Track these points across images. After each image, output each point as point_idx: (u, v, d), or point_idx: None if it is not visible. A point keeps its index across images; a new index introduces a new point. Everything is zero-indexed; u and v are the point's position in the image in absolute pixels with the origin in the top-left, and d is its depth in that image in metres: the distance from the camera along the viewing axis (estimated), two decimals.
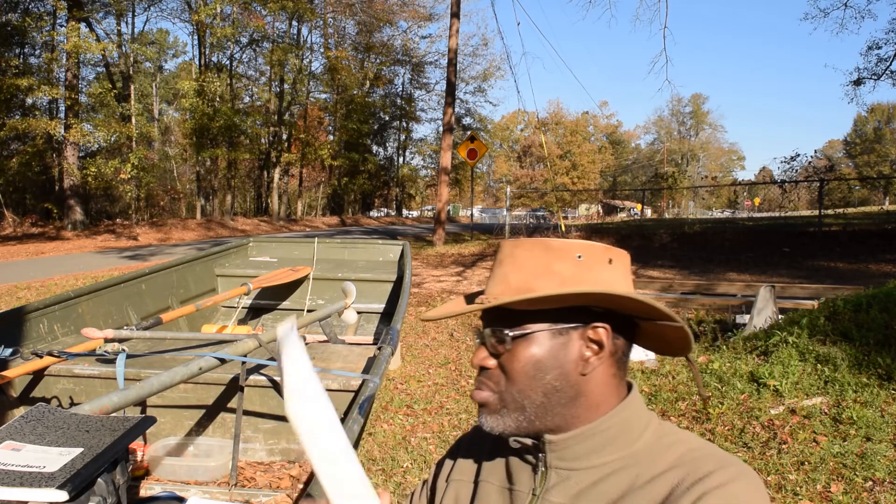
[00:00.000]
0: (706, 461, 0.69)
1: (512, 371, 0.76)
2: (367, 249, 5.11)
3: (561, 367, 0.76)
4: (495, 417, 0.78)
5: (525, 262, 0.78)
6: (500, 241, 0.87)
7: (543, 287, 0.75)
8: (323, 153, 31.02)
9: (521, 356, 0.76)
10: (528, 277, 0.77)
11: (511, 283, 0.77)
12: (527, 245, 0.79)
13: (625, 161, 66.04)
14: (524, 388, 0.76)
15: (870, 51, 19.57)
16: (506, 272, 0.79)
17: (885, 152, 58.23)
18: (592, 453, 0.76)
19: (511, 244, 0.81)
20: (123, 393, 1.70)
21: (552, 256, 0.77)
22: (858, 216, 19.02)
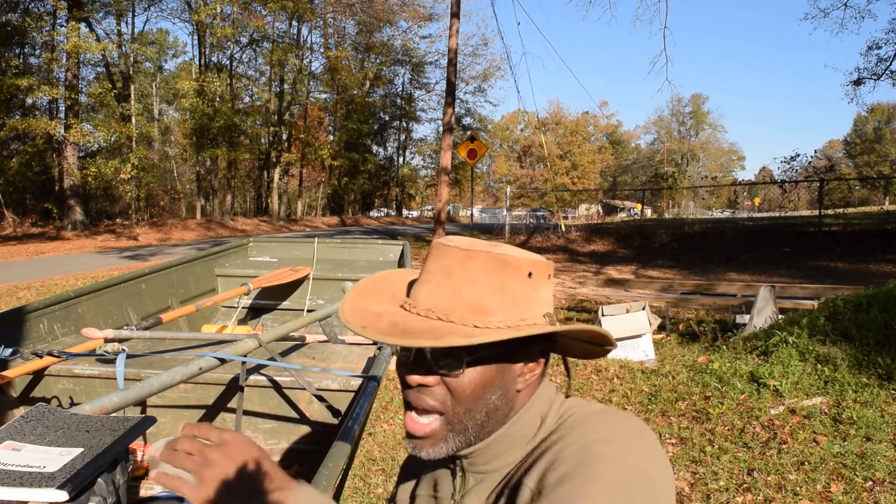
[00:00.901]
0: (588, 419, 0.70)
1: (458, 392, 0.72)
2: (367, 249, 5.11)
3: (504, 386, 0.75)
4: (438, 446, 0.74)
5: (478, 276, 0.73)
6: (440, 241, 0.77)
7: (497, 307, 0.72)
8: (323, 153, 31.02)
9: (472, 377, 0.72)
10: (482, 295, 0.72)
11: (463, 299, 0.72)
12: (482, 258, 0.73)
13: (625, 161, 66.03)
14: (470, 409, 0.73)
15: (870, 51, 19.59)
16: (457, 285, 0.73)
17: (885, 152, 58.22)
18: (501, 455, 0.77)
19: (464, 254, 0.74)
20: (123, 393, 1.70)
21: (507, 273, 0.74)
22: (858, 216, 19.02)
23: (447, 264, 0.74)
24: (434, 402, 0.73)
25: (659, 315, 6.09)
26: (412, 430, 0.75)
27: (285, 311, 4.35)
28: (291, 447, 2.45)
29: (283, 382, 2.39)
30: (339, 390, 2.36)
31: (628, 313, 5.14)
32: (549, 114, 57.22)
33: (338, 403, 2.31)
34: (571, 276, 10.40)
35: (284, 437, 2.45)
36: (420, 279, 0.78)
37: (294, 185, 35.41)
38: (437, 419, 0.74)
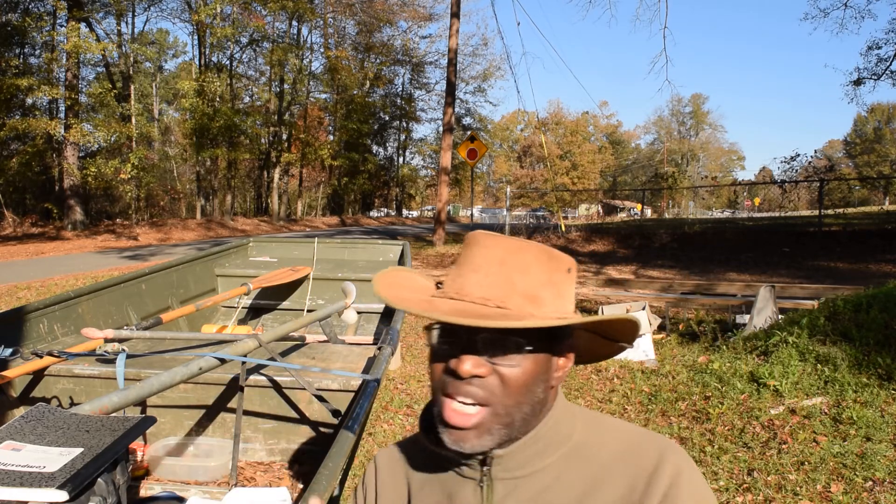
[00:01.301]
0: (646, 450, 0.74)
1: (512, 383, 0.72)
2: (367, 249, 5.11)
3: (546, 380, 0.76)
4: (484, 438, 0.72)
5: (531, 268, 0.75)
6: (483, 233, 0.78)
7: (549, 298, 0.74)
8: (323, 153, 31.01)
9: (526, 368, 0.72)
10: (535, 285, 0.74)
11: (518, 289, 0.73)
12: (534, 249, 0.76)
13: (625, 161, 66.03)
14: (519, 401, 0.73)
15: (870, 51, 19.57)
16: (510, 274, 0.74)
17: (885, 152, 58.22)
18: (537, 457, 0.76)
19: (517, 244, 0.76)
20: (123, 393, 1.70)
21: (553, 266, 0.76)
22: (858, 216, 19.02)
23: (499, 254, 0.75)
24: (485, 394, 0.71)
25: (659, 315, 6.09)
26: (458, 422, 0.72)
27: (285, 311, 4.35)
28: (291, 447, 2.45)
29: (283, 382, 2.39)
30: (339, 390, 2.36)
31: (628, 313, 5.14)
32: (549, 114, 57.23)
33: (338, 403, 2.31)
34: None
35: (284, 437, 2.45)
36: (460, 270, 0.77)
37: (294, 185, 35.41)
38: (484, 409, 0.72)
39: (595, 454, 0.76)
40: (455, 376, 0.72)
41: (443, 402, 0.74)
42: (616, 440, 0.76)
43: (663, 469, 0.71)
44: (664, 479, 0.71)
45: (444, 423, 0.73)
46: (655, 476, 0.71)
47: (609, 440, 0.77)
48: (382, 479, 0.87)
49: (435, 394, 0.76)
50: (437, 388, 0.75)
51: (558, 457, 0.76)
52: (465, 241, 0.81)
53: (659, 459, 0.72)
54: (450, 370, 0.73)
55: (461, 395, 0.72)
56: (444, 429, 0.74)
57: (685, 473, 0.71)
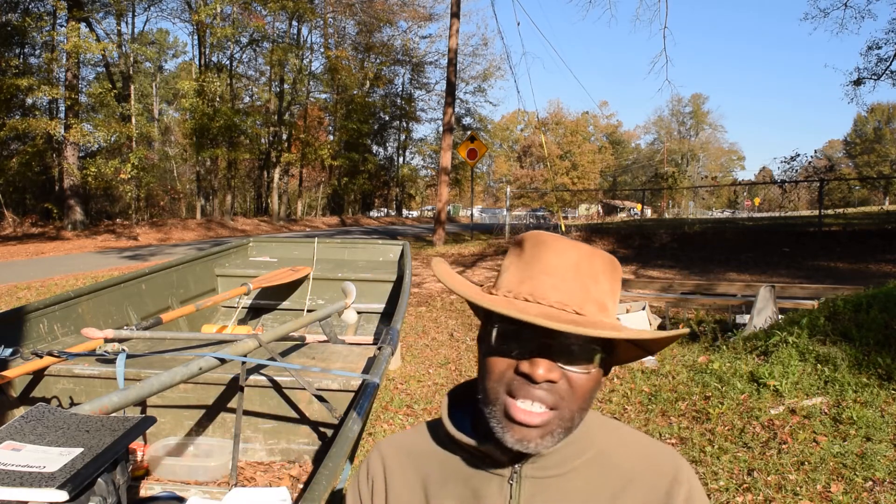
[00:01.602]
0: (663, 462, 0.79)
1: (581, 389, 0.73)
2: (367, 249, 5.11)
3: (599, 389, 0.78)
4: (547, 438, 0.73)
5: (601, 276, 0.76)
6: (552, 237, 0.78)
7: (611, 308, 0.77)
8: (323, 153, 31.02)
9: (594, 375, 0.74)
10: (605, 293, 0.76)
11: (592, 297, 0.74)
12: (603, 257, 0.77)
13: (625, 161, 66.03)
14: (583, 407, 0.75)
15: (870, 51, 19.59)
16: (585, 282, 0.74)
17: (885, 152, 58.22)
18: (568, 459, 0.78)
19: (589, 250, 0.77)
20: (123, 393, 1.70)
21: (615, 276, 0.79)
22: (858, 216, 19.02)
23: (573, 259, 0.75)
24: (554, 398, 0.71)
25: (659, 315, 6.09)
26: (525, 420, 0.71)
27: (285, 311, 4.35)
28: (291, 447, 2.45)
29: (283, 382, 2.39)
30: (339, 390, 2.36)
31: (628, 313, 5.14)
32: (549, 114, 57.24)
33: (338, 403, 2.31)
34: None
35: (284, 437, 2.45)
36: (530, 272, 0.76)
37: (294, 185, 35.41)
38: (551, 412, 0.72)
39: (618, 462, 0.79)
40: (525, 378, 0.71)
41: (507, 401, 0.72)
42: (635, 450, 0.81)
43: (680, 485, 0.77)
44: (681, 494, 0.76)
45: (510, 419, 0.72)
46: (673, 491, 0.76)
47: (629, 450, 0.81)
48: (391, 471, 0.84)
49: (495, 393, 0.74)
50: (500, 388, 0.73)
51: (584, 460, 0.78)
52: (526, 241, 0.79)
53: (675, 474, 0.78)
54: (521, 372, 0.72)
55: (532, 398, 0.71)
56: (507, 424, 0.72)
57: (696, 490, 0.78)
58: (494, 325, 0.74)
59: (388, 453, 0.86)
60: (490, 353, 0.75)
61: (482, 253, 13.58)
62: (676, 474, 0.78)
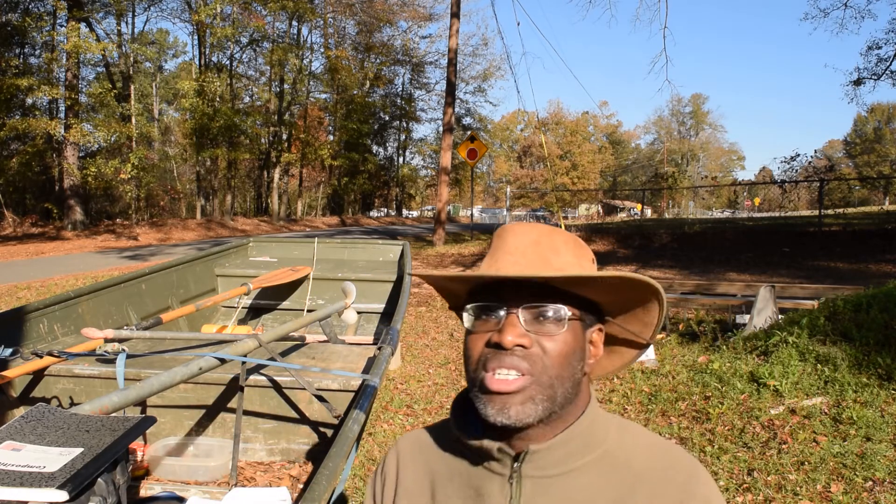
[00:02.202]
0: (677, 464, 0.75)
1: (554, 353, 0.73)
2: (367, 249, 5.11)
3: (583, 359, 0.77)
4: (528, 405, 0.71)
5: (562, 248, 0.78)
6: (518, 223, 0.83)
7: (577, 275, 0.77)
8: (323, 153, 31.02)
9: (566, 339, 0.74)
10: (568, 265, 0.77)
11: (553, 266, 0.76)
12: (564, 236, 0.80)
13: (625, 161, 66.04)
14: (561, 374, 0.73)
15: (870, 51, 19.59)
16: (544, 253, 0.77)
17: (885, 152, 58.22)
18: (570, 457, 0.75)
19: (548, 229, 0.80)
20: (123, 393, 1.70)
21: (582, 252, 0.80)
22: (858, 216, 19.02)
23: (532, 237, 0.78)
24: (528, 364, 0.71)
25: None
26: (499, 387, 0.70)
27: (285, 311, 4.35)
28: (291, 447, 2.45)
29: (283, 382, 2.39)
30: (339, 390, 2.36)
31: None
32: (549, 114, 57.26)
33: (338, 403, 2.31)
34: None
35: (284, 437, 2.45)
36: (495, 256, 0.79)
37: (294, 185, 35.41)
38: (525, 377, 0.71)
39: (628, 464, 0.75)
40: (497, 347, 0.72)
41: (484, 375, 0.72)
42: (648, 452, 0.77)
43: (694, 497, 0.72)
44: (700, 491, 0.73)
45: (486, 391, 0.72)
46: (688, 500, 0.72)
47: (641, 451, 0.77)
48: (404, 465, 0.85)
49: (475, 372, 0.75)
50: (478, 365, 0.74)
51: (591, 460, 0.75)
52: (494, 235, 0.84)
53: (688, 482, 0.73)
54: (491, 343, 0.73)
55: (505, 366, 0.71)
56: (485, 398, 0.72)
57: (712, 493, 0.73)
58: (467, 308, 0.77)
59: (402, 448, 0.88)
60: (467, 335, 0.77)
61: (482, 253, 13.58)
62: (690, 484, 0.73)
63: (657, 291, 0.78)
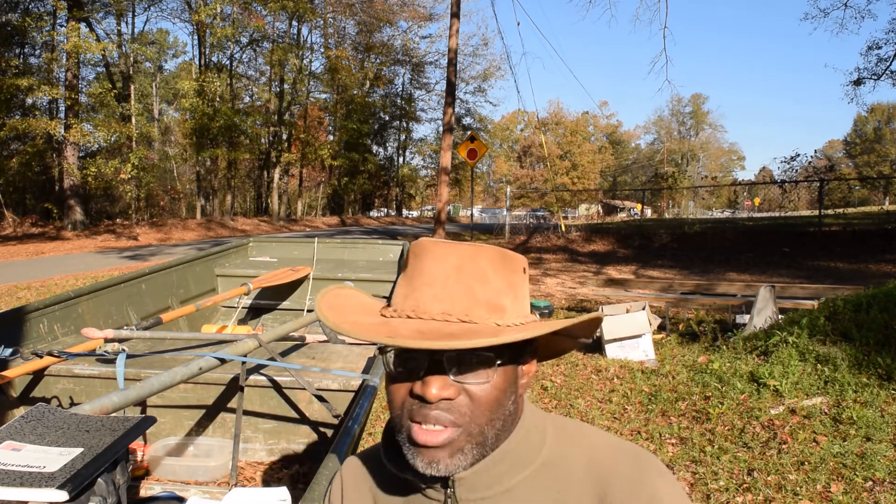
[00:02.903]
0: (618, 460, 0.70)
1: (483, 401, 0.68)
2: (367, 249, 5.10)
3: (513, 394, 0.72)
4: (457, 457, 0.68)
5: (489, 274, 0.70)
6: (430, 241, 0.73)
7: (510, 305, 0.71)
8: (323, 153, 31.02)
9: (496, 383, 0.69)
10: (496, 293, 0.70)
11: (480, 299, 0.69)
12: (488, 253, 0.71)
13: (625, 161, 66.03)
14: (492, 418, 0.69)
15: (870, 51, 19.61)
16: (469, 283, 0.69)
17: (885, 152, 58.21)
18: (504, 477, 0.72)
19: (470, 250, 0.71)
20: (123, 393, 1.70)
21: (510, 268, 0.72)
22: (858, 216, 19.02)
23: (453, 262, 0.70)
24: (454, 416, 0.67)
25: (659, 315, 6.09)
26: (427, 441, 0.67)
27: (285, 311, 4.35)
28: (291, 447, 2.45)
29: (283, 382, 2.39)
30: (339, 390, 2.36)
31: (628, 313, 5.14)
32: (549, 114, 57.26)
33: (338, 403, 2.31)
34: (571, 276, 10.40)
35: (284, 437, 2.45)
36: (413, 284, 0.71)
37: (294, 185, 35.41)
38: (453, 429, 0.67)
39: (566, 470, 0.71)
40: (422, 400, 0.67)
41: (410, 426, 0.69)
42: (587, 453, 0.72)
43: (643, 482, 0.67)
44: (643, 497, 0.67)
45: (414, 444, 0.68)
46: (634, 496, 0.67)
47: (580, 452, 0.72)
48: (347, 492, 0.84)
49: (400, 420, 0.70)
50: (403, 414, 0.70)
51: (527, 475, 0.72)
52: (410, 251, 0.75)
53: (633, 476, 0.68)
54: (415, 395, 0.68)
55: (430, 421, 0.67)
56: (414, 450, 0.69)
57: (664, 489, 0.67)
58: (385, 352, 0.71)
59: (346, 472, 0.86)
60: (389, 381, 0.72)
61: None
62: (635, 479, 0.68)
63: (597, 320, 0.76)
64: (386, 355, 0.71)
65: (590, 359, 5.07)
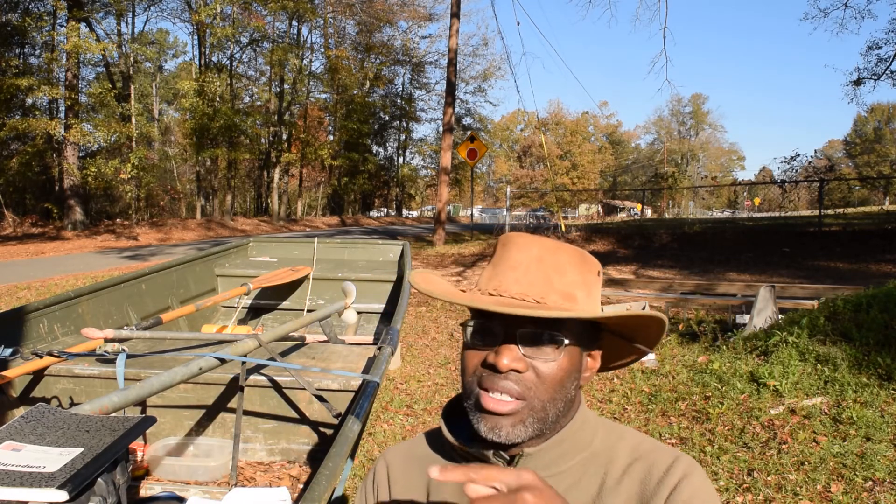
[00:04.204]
0: (660, 454, 0.75)
1: (548, 378, 0.74)
2: (367, 249, 5.10)
3: (577, 378, 0.78)
4: (518, 427, 0.73)
5: (567, 268, 0.77)
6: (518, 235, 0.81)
7: (582, 297, 0.77)
8: (323, 153, 31.02)
9: (562, 363, 0.74)
10: (570, 285, 0.76)
11: (556, 287, 0.76)
12: (569, 250, 0.78)
13: (625, 161, 66.02)
14: (554, 397, 0.74)
15: (870, 51, 19.59)
16: (549, 273, 0.76)
17: (885, 152, 58.20)
18: (560, 459, 0.77)
19: (553, 245, 0.79)
20: (123, 393, 1.70)
21: (587, 268, 0.79)
22: (858, 216, 19.02)
23: (536, 253, 0.77)
24: (521, 388, 0.73)
25: None
26: (494, 408, 0.72)
27: (285, 311, 4.35)
28: (291, 447, 2.45)
29: (283, 382, 2.39)
30: (339, 390, 2.36)
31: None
32: (549, 114, 57.24)
33: (338, 403, 2.31)
34: None
35: (284, 437, 2.45)
36: (496, 269, 0.79)
37: (294, 185, 35.41)
38: (519, 401, 0.73)
39: (612, 460, 0.77)
40: (493, 370, 0.73)
41: (479, 392, 0.74)
42: (632, 448, 0.78)
43: (674, 471, 0.72)
44: (674, 478, 0.71)
45: (481, 409, 0.74)
46: (666, 477, 0.72)
47: (625, 448, 0.78)
48: (395, 476, 0.87)
49: (470, 386, 0.76)
50: (473, 381, 0.76)
51: (578, 461, 0.77)
52: (499, 242, 0.83)
53: (671, 464, 0.73)
54: (487, 364, 0.74)
55: (498, 389, 0.72)
56: (479, 415, 0.74)
57: (696, 475, 0.72)
58: (468, 324, 0.78)
59: (392, 459, 0.88)
60: (465, 349, 0.78)
61: (482, 253, 13.58)
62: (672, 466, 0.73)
63: (662, 322, 0.79)
64: (466, 328, 0.77)
65: None
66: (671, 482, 0.71)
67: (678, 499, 0.69)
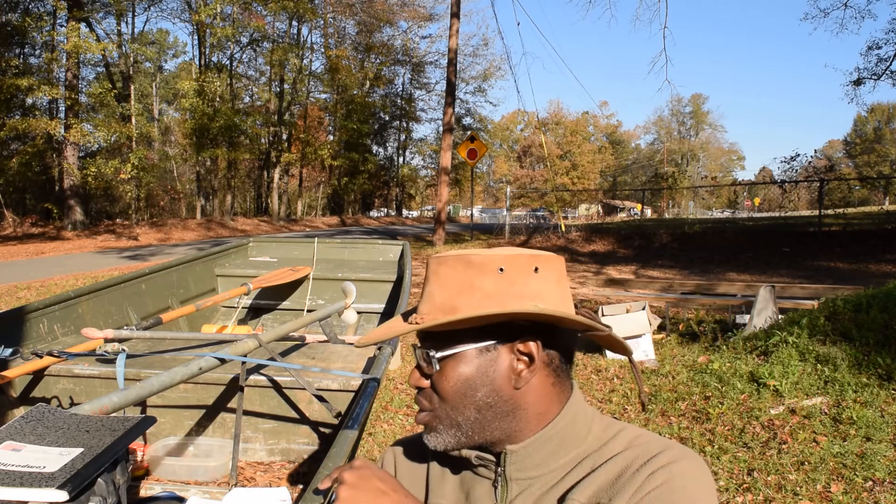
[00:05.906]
0: (653, 444, 0.73)
1: (443, 390, 0.77)
2: (367, 249, 5.10)
3: (492, 383, 0.76)
4: (433, 436, 0.79)
5: (447, 279, 0.77)
6: (440, 255, 0.82)
7: (465, 304, 0.75)
8: (323, 153, 31.01)
9: (451, 376, 0.76)
10: (451, 295, 0.77)
11: (436, 302, 0.77)
12: (450, 262, 0.78)
13: (625, 161, 66.01)
14: (457, 406, 0.76)
15: (870, 51, 19.57)
16: (431, 290, 0.79)
17: (885, 152, 58.21)
18: (550, 457, 0.77)
19: (436, 261, 0.80)
20: (123, 393, 1.70)
21: (474, 272, 0.76)
22: (858, 216, 19.02)
23: (427, 274, 0.82)
24: (426, 402, 0.79)
25: (659, 315, 6.09)
26: (417, 420, 0.81)
27: (285, 311, 4.35)
28: (291, 447, 2.45)
29: (283, 382, 2.39)
30: (339, 390, 2.36)
31: (628, 313, 5.14)
32: (549, 114, 57.23)
33: (338, 403, 2.31)
34: (571, 277, 10.40)
35: (284, 437, 2.45)
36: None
37: (294, 185, 35.40)
38: (427, 413, 0.79)
39: (606, 452, 0.76)
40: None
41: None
42: (629, 440, 0.76)
43: (658, 458, 0.69)
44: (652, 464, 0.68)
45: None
46: (647, 463, 0.69)
47: (622, 439, 0.77)
48: (400, 467, 0.91)
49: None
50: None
51: (570, 458, 0.77)
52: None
53: (659, 451, 0.70)
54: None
55: (418, 404, 0.81)
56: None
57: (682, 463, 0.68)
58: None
59: (399, 451, 0.93)
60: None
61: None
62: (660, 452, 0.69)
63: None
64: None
65: (590, 359, 5.08)
66: (650, 469, 0.68)
67: (648, 485, 0.66)
